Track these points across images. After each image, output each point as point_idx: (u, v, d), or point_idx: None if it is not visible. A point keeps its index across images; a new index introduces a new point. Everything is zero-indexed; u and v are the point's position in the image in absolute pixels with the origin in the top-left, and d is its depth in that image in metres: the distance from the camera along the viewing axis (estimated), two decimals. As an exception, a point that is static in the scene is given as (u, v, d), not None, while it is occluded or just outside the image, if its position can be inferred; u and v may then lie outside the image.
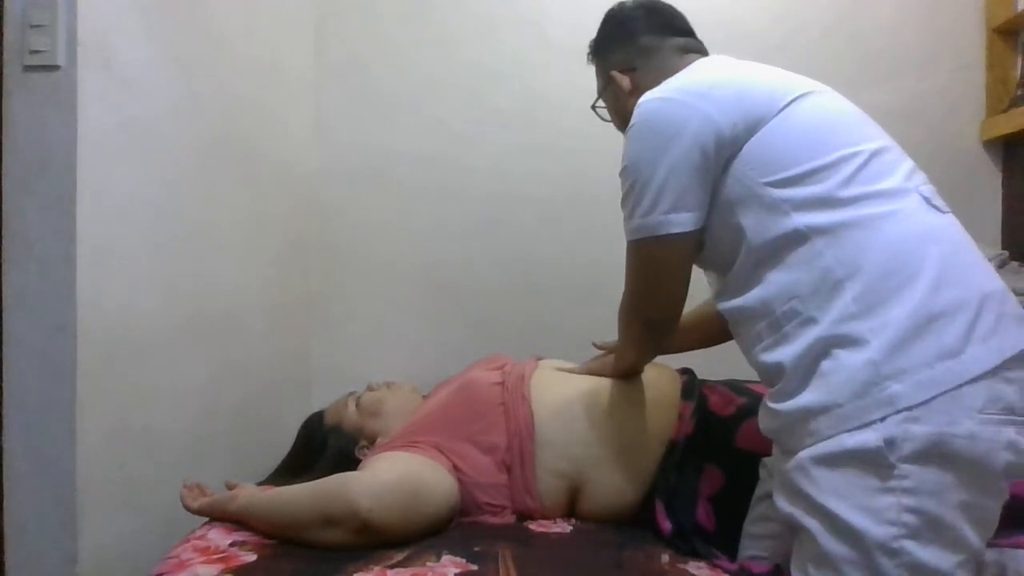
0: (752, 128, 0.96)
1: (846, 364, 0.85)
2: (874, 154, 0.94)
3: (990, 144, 1.90)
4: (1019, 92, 1.82)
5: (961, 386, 0.81)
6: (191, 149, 1.47)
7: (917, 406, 0.81)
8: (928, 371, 0.82)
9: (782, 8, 1.95)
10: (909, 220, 0.90)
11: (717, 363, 1.44)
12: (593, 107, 1.29)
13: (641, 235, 1.02)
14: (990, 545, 1.01)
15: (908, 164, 0.97)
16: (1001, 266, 1.69)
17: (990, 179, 1.91)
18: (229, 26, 1.62)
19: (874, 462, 0.82)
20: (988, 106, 1.90)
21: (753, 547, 1.09)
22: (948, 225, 0.93)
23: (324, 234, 2.07)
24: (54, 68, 1.15)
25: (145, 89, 1.32)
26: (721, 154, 0.96)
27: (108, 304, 1.22)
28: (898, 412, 0.82)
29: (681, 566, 1.09)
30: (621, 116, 1.18)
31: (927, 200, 0.93)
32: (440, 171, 2.04)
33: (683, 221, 0.98)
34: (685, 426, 1.25)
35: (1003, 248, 1.82)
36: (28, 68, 1.15)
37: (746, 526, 1.11)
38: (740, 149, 0.96)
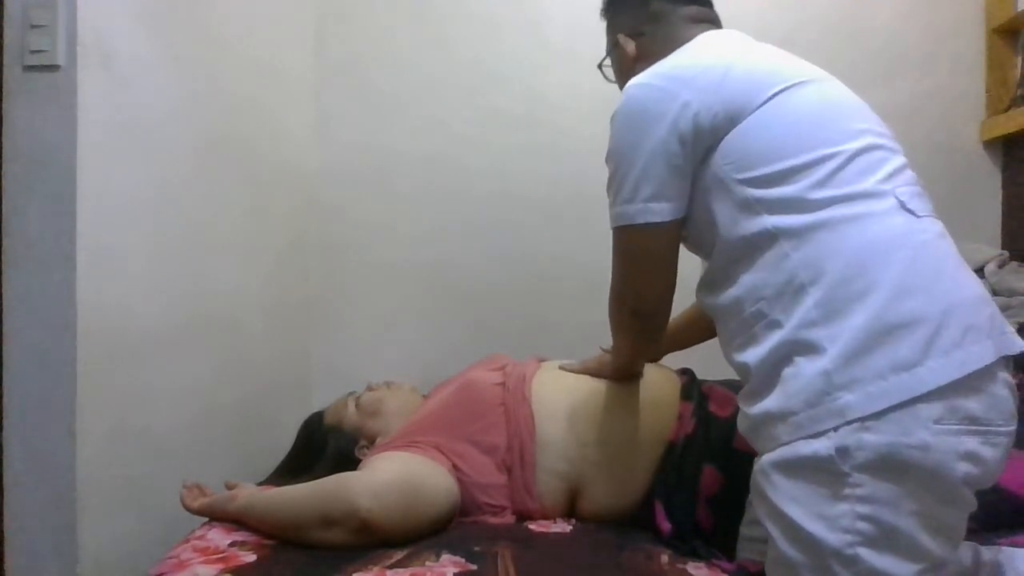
0: (733, 118, 0.94)
1: (802, 371, 0.84)
2: (856, 153, 0.91)
3: (990, 144, 1.90)
4: (1019, 92, 1.82)
5: (915, 400, 0.79)
6: (191, 149, 1.47)
7: (869, 417, 0.80)
8: (881, 383, 0.80)
9: (782, 7, 1.95)
10: (877, 224, 0.87)
11: (717, 363, 1.43)
12: (599, 66, 1.26)
13: (621, 222, 1.02)
14: (990, 544, 1.02)
15: (894, 163, 0.93)
16: (1001, 266, 1.69)
17: (990, 179, 1.90)
18: (229, 26, 1.62)
19: (828, 470, 0.81)
20: (988, 106, 1.90)
21: (747, 549, 1.09)
22: (921, 230, 0.89)
23: (324, 234, 2.07)
24: (54, 68, 1.14)
25: (145, 89, 1.32)
26: (700, 143, 0.95)
27: (108, 304, 1.22)
28: (849, 423, 0.80)
29: (680, 566, 1.09)
30: (625, 80, 1.13)
31: (902, 203, 0.89)
32: (440, 171, 2.04)
33: (661, 211, 0.98)
34: (684, 427, 1.25)
35: (1003, 248, 1.82)
36: (28, 68, 1.15)
37: (741, 528, 1.11)
38: (720, 140, 0.94)
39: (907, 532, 0.80)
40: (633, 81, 1.01)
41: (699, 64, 0.99)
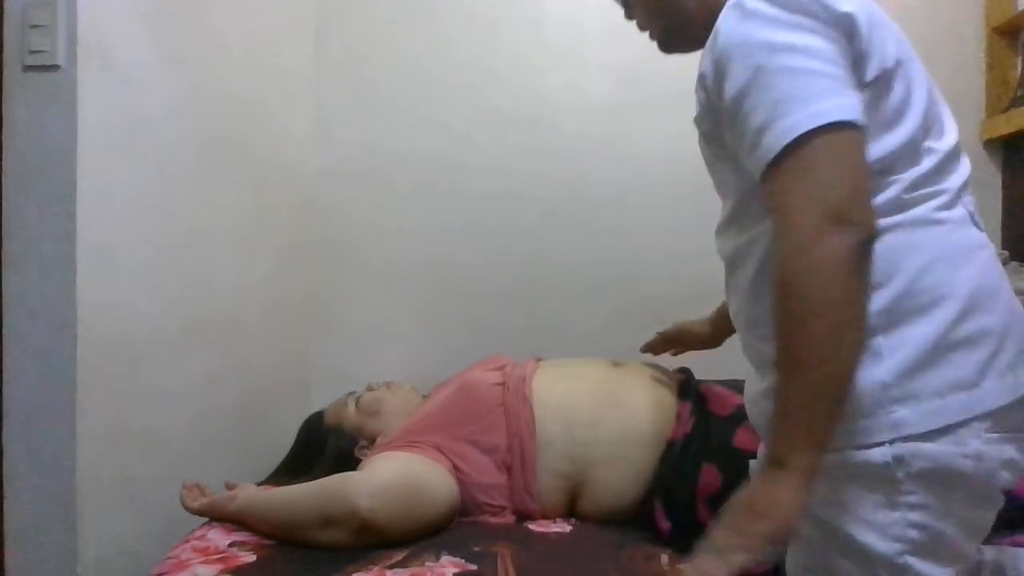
0: (878, 67, 0.80)
1: (857, 379, 0.80)
2: (950, 154, 0.85)
3: (990, 144, 1.90)
4: (1019, 92, 1.81)
5: (970, 420, 0.78)
6: (191, 149, 1.47)
7: (923, 433, 0.78)
8: (938, 400, 0.78)
9: (782, 8, 1.95)
10: (953, 234, 0.83)
11: (717, 363, 1.44)
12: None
13: (812, 125, 0.73)
14: (991, 544, 1.02)
15: (965, 171, 0.86)
16: (1002, 266, 1.69)
17: (990, 179, 1.90)
18: (229, 26, 1.62)
19: (881, 477, 0.79)
20: (988, 106, 1.90)
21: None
22: (985, 245, 0.86)
23: (324, 234, 2.07)
24: (54, 68, 1.15)
25: (145, 89, 1.32)
26: (850, 50, 0.79)
27: (108, 304, 1.22)
28: (904, 437, 0.78)
29: (680, 566, 1.08)
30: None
31: (971, 215, 0.86)
32: (440, 171, 2.04)
33: (852, 107, 0.75)
34: (683, 426, 1.25)
35: (1003, 248, 1.82)
36: (28, 68, 1.15)
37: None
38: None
39: (952, 538, 0.80)
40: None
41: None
